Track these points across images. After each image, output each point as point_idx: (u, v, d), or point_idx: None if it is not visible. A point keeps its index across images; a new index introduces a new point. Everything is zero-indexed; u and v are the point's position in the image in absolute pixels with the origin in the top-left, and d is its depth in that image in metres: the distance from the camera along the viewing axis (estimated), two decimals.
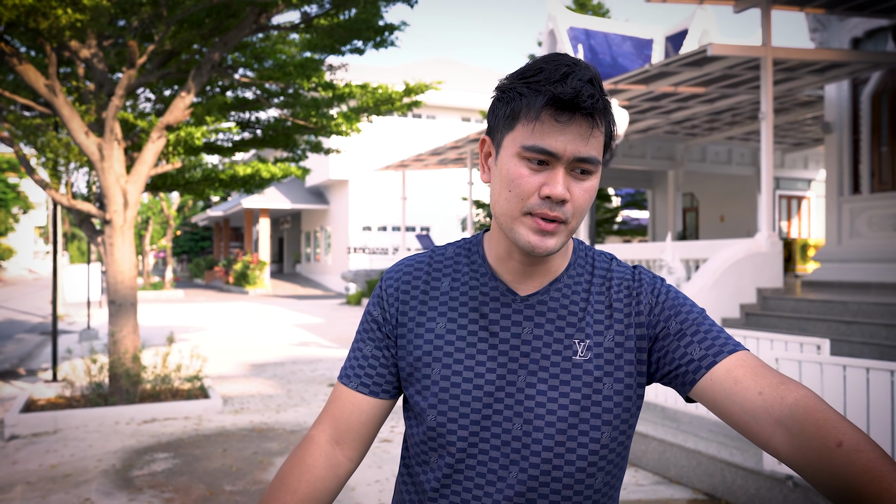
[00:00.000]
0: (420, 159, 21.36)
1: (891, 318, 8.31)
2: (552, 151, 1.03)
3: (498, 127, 1.09)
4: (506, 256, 1.15)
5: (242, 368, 10.64)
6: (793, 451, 0.94)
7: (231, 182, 9.46)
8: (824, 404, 0.96)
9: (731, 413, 1.02)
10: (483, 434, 1.11)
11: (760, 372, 1.03)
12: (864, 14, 11.13)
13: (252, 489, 5.22)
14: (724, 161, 20.63)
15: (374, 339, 1.20)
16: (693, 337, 1.09)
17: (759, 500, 4.62)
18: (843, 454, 0.88)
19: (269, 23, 7.73)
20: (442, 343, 1.14)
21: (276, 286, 33.00)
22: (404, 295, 1.19)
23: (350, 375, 1.20)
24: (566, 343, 1.12)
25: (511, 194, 1.06)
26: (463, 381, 1.12)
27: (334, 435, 1.19)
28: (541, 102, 1.02)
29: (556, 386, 1.11)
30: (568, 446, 1.10)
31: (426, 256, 1.23)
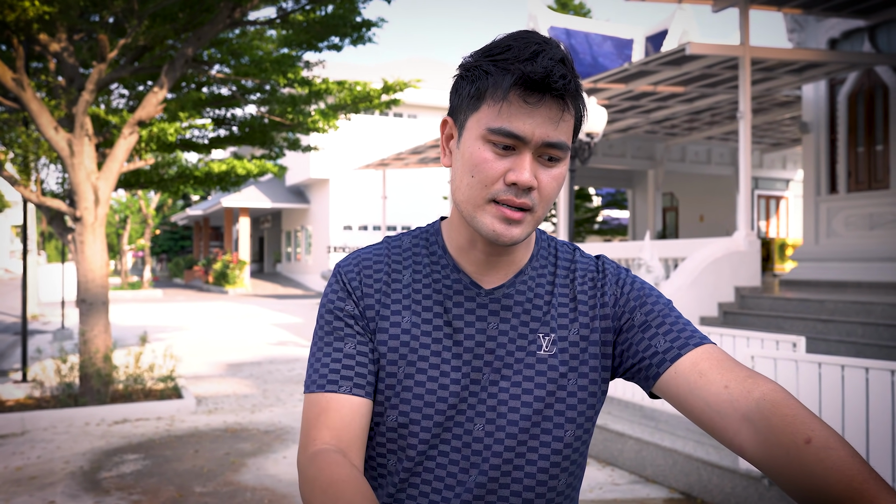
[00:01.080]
0: (401, 158, 21.27)
1: (867, 316, 8.36)
2: (519, 135, 0.96)
3: (461, 107, 1.02)
4: (468, 247, 1.07)
5: (218, 368, 10.50)
6: (759, 448, 0.89)
7: (206, 179, 9.33)
8: (793, 399, 0.90)
9: (694, 408, 0.97)
10: (444, 436, 1.04)
11: (727, 365, 0.97)
12: (841, 15, 11.20)
13: (223, 490, 5.12)
14: (703, 161, 20.73)
15: (353, 335, 1.06)
16: (658, 329, 1.04)
17: (734, 498, 4.60)
18: (811, 452, 0.83)
19: (244, 18, 7.62)
20: (408, 339, 1.06)
21: (257, 286, 32.76)
22: (367, 287, 1.09)
23: (337, 380, 1.03)
24: (531, 338, 1.06)
25: (474, 180, 0.98)
26: (427, 380, 1.04)
27: (338, 446, 0.99)
28: (509, 81, 0.95)
29: (520, 382, 1.04)
30: (530, 445, 1.04)
31: (382, 248, 1.13)
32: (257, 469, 5.64)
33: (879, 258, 11.55)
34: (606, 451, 5.76)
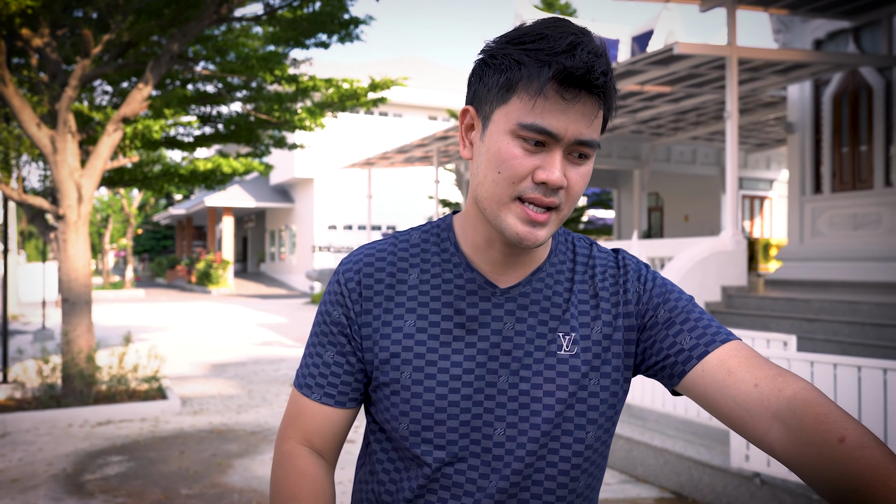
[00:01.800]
0: (386, 157, 21.20)
1: (852, 315, 8.40)
2: (553, 132, 0.91)
3: (487, 98, 0.96)
4: (485, 246, 1.03)
5: (203, 369, 10.39)
6: (790, 447, 0.86)
7: (191, 177, 9.23)
8: (825, 398, 0.87)
9: (722, 406, 0.94)
10: (462, 442, 1.00)
11: (755, 363, 0.94)
12: (826, 16, 11.26)
13: (209, 492, 5.05)
14: (688, 161, 20.81)
15: (335, 343, 1.05)
16: (683, 325, 1.00)
17: (726, 497, 4.59)
18: (845, 451, 0.81)
19: (231, 14, 7.53)
20: (412, 343, 1.02)
21: (240, 285, 32.55)
22: (367, 290, 1.04)
23: (311, 385, 1.06)
24: (550, 337, 1.02)
25: (501, 177, 0.93)
26: (437, 384, 1.00)
27: (309, 448, 1.07)
28: (546, 75, 0.89)
29: (541, 384, 1.00)
30: (551, 447, 1.00)
31: (388, 244, 1.09)
32: (244, 470, 5.56)
33: (863, 258, 11.63)
34: None
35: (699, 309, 1.03)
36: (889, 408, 3.74)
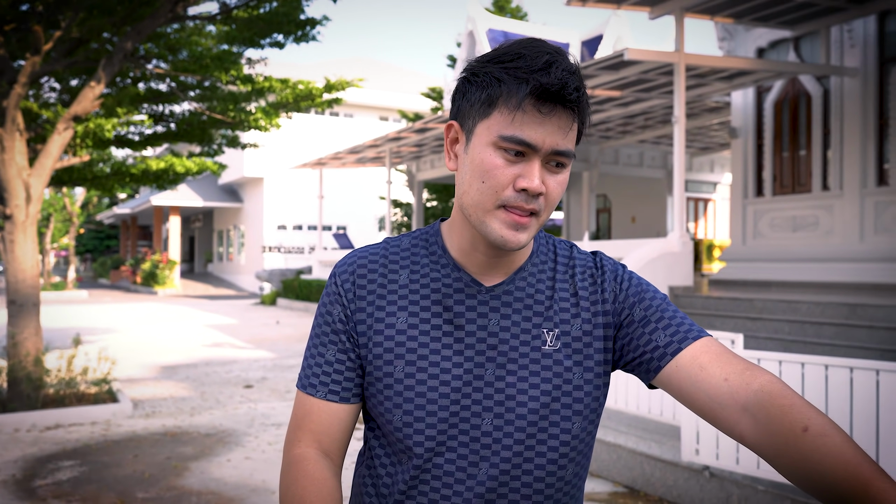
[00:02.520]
0: (338, 157, 21.11)
1: (793, 314, 8.73)
2: (531, 143, 0.98)
3: (470, 113, 1.04)
4: (470, 249, 1.10)
5: (153, 371, 10.24)
6: (759, 437, 0.94)
7: (143, 177, 9.09)
8: (789, 390, 0.96)
9: (696, 400, 1.02)
10: (451, 432, 1.06)
11: (725, 358, 1.02)
12: (768, 25, 11.66)
13: (166, 496, 5.01)
14: (636, 163, 21.25)
15: (335, 341, 1.10)
16: (657, 324, 1.08)
17: (676, 490, 4.76)
18: (809, 439, 0.89)
19: (186, 12, 7.46)
20: (404, 339, 1.08)
21: (187, 286, 31.99)
22: (361, 290, 1.10)
23: (315, 384, 1.10)
24: (534, 333, 1.08)
25: (485, 186, 1.01)
26: (429, 377, 1.06)
27: (320, 449, 1.10)
28: (524, 91, 0.97)
29: (527, 377, 1.07)
30: (539, 438, 1.06)
31: (380, 248, 1.15)
32: (201, 473, 5.53)
33: (802, 258, 12.08)
34: None
35: (673, 307, 1.11)
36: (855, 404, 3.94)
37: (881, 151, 11.46)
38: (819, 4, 10.51)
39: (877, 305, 8.00)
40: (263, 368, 10.48)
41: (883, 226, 11.30)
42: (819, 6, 10.61)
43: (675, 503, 4.76)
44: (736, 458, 4.32)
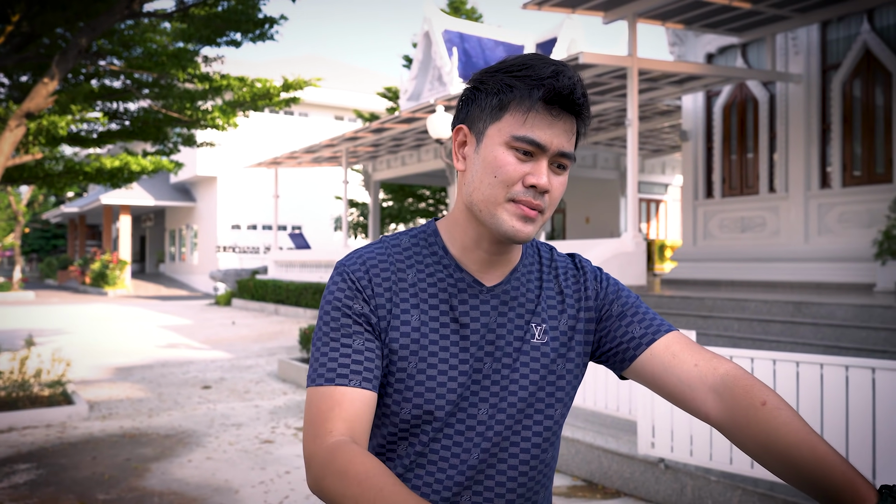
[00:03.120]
0: (294, 157, 20.99)
1: (741, 312, 9.02)
2: (541, 143, 1.06)
3: (481, 117, 1.11)
4: (473, 246, 1.16)
5: (107, 372, 10.08)
6: (723, 413, 1.07)
7: (97, 175, 8.94)
8: (748, 374, 1.10)
9: (667, 383, 1.13)
10: (449, 420, 1.13)
11: (694, 348, 1.15)
12: (717, 32, 12.00)
13: (128, 497, 4.98)
14: (589, 165, 21.59)
15: (360, 332, 1.10)
16: (633, 318, 1.19)
17: (633, 482, 4.91)
18: (766, 412, 1.03)
19: (142, 9, 7.38)
20: (418, 336, 1.13)
21: (138, 287, 31.39)
22: (377, 287, 1.13)
23: (346, 374, 1.07)
24: (525, 328, 1.17)
25: (496, 180, 1.08)
26: (438, 373, 1.12)
27: (352, 440, 1.05)
28: (537, 95, 1.06)
29: (518, 368, 1.15)
30: (524, 424, 1.15)
31: (382, 247, 1.18)
32: (162, 474, 5.50)
33: (750, 258, 12.47)
34: None
35: (645, 305, 1.23)
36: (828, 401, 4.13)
37: (824, 155, 11.89)
38: (764, 13, 10.87)
39: (819, 303, 8.33)
40: (221, 369, 10.41)
41: (826, 227, 11.73)
42: (765, 14, 10.97)
43: (631, 495, 4.92)
44: (690, 451, 4.49)
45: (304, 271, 20.56)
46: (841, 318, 8.04)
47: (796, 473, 1.00)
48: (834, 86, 11.57)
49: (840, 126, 11.55)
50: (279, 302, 19.64)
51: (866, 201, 11.19)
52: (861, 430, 3.77)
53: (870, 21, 11.21)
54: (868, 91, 11.29)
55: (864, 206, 11.22)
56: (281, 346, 12.71)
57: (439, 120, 9.40)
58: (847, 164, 11.55)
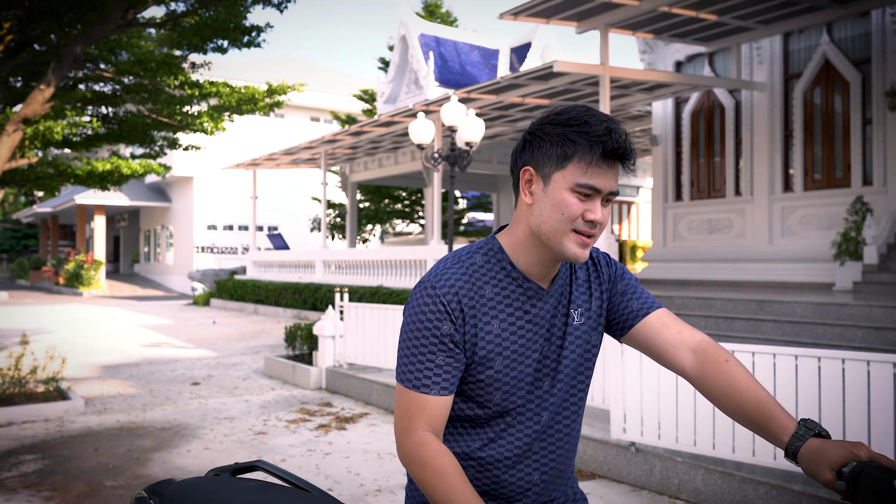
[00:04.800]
0: (273, 158, 21.21)
1: (708, 310, 9.51)
2: (598, 188, 1.37)
3: (546, 163, 1.40)
4: (536, 263, 1.47)
5: (95, 370, 10.30)
6: (695, 368, 1.48)
7: (88, 178, 9.18)
8: (716, 343, 1.51)
9: (656, 345, 1.53)
10: (528, 396, 1.49)
11: (677, 320, 1.56)
12: (685, 41, 12.52)
13: (134, 483, 5.28)
14: None
15: (444, 350, 1.41)
16: (632, 295, 1.58)
17: (606, 465, 5.32)
18: (728, 366, 1.44)
19: (136, 18, 7.66)
20: (500, 340, 1.44)
21: (113, 287, 31.32)
22: (466, 308, 1.42)
23: (429, 384, 1.41)
24: (568, 314, 1.53)
25: (563, 217, 1.38)
26: (519, 365, 1.46)
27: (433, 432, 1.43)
28: (598, 152, 1.36)
29: (566, 346, 1.52)
30: (578, 388, 1.56)
31: (461, 269, 1.46)
32: (163, 462, 5.80)
33: (717, 259, 13.00)
34: None
35: (641, 287, 1.62)
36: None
37: (787, 160, 12.46)
38: (730, 24, 11.39)
39: (781, 301, 8.84)
40: (207, 367, 10.67)
41: (788, 229, 12.29)
42: (730, 25, 11.50)
43: (605, 476, 5.33)
44: (658, 435, 4.91)
45: (283, 271, 20.79)
46: (800, 316, 8.55)
47: (743, 413, 1.39)
48: (796, 94, 12.13)
49: (801, 132, 12.12)
50: (258, 302, 19.86)
51: (826, 204, 11.77)
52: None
53: (829, 33, 11.78)
54: (827, 99, 11.87)
55: (823, 209, 11.79)
56: (264, 345, 12.98)
57: (420, 126, 9.77)
58: (808, 168, 12.12)
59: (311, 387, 8.90)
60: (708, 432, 4.66)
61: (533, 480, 1.52)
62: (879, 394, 3.96)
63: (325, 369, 8.91)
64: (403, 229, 34.57)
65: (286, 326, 10.39)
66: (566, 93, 13.46)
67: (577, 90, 13.19)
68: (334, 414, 7.53)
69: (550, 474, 1.55)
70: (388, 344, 8.15)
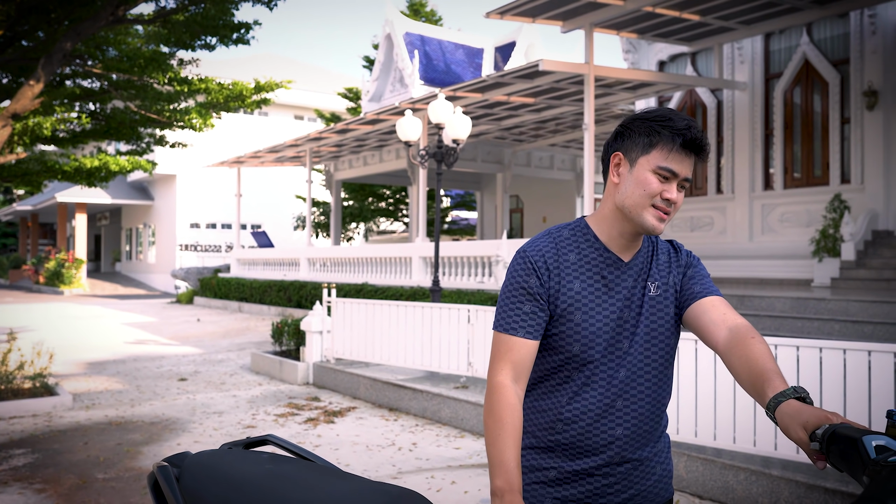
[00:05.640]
0: (257, 156, 21.19)
1: None
2: (676, 172, 1.63)
3: (633, 149, 1.66)
4: (617, 236, 1.72)
5: (81, 367, 10.29)
6: (726, 343, 1.62)
7: (76, 174, 9.17)
8: (753, 328, 1.64)
9: (703, 323, 1.69)
10: (607, 349, 1.70)
11: (727, 306, 1.71)
12: (668, 41, 12.68)
13: (126, 475, 5.33)
14: (546, 166, 22.24)
15: (530, 299, 1.68)
16: (698, 279, 1.77)
17: None
18: (750, 342, 1.57)
19: (126, 15, 7.68)
20: (580, 297, 1.69)
21: (95, 286, 31.11)
22: (552, 267, 1.70)
23: (516, 328, 1.67)
24: (646, 286, 1.75)
25: (645, 193, 1.64)
26: (595, 321, 1.69)
27: (514, 376, 1.66)
28: (679, 141, 1.62)
29: (642, 312, 1.73)
30: (651, 350, 1.73)
31: (550, 239, 1.75)
32: (154, 455, 5.84)
33: (699, 256, 13.16)
34: (480, 425, 6.48)
35: (708, 277, 1.80)
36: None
37: (767, 158, 12.66)
38: (712, 24, 11.56)
39: (761, 297, 9.01)
40: (194, 363, 10.69)
41: (769, 226, 12.49)
42: (712, 26, 11.67)
43: None
44: None
45: (268, 269, 20.78)
46: (780, 310, 8.72)
47: (749, 378, 1.52)
48: (776, 93, 12.34)
49: (782, 131, 12.32)
50: (242, 300, 19.84)
51: (805, 202, 11.98)
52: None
53: (808, 34, 11.99)
54: (807, 98, 12.08)
55: (803, 206, 12.00)
56: (249, 342, 13.01)
57: (408, 123, 9.84)
58: (788, 167, 12.33)
59: (298, 382, 8.96)
60: (690, 421, 4.79)
61: (616, 434, 1.71)
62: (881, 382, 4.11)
63: (313, 364, 8.97)
64: (387, 227, 34.62)
65: (273, 322, 10.44)
66: (551, 91, 13.59)
67: (561, 89, 13.32)
68: (322, 408, 7.60)
69: (634, 430, 1.73)
70: (375, 339, 8.23)
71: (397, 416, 7.30)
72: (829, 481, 4.10)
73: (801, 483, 4.20)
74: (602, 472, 1.72)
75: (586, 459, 1.71)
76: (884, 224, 11.00)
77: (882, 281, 9.87)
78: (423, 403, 7.20)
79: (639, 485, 1.76)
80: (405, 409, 7.44)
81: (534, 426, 1.76)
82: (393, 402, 7.61)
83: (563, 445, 1.72)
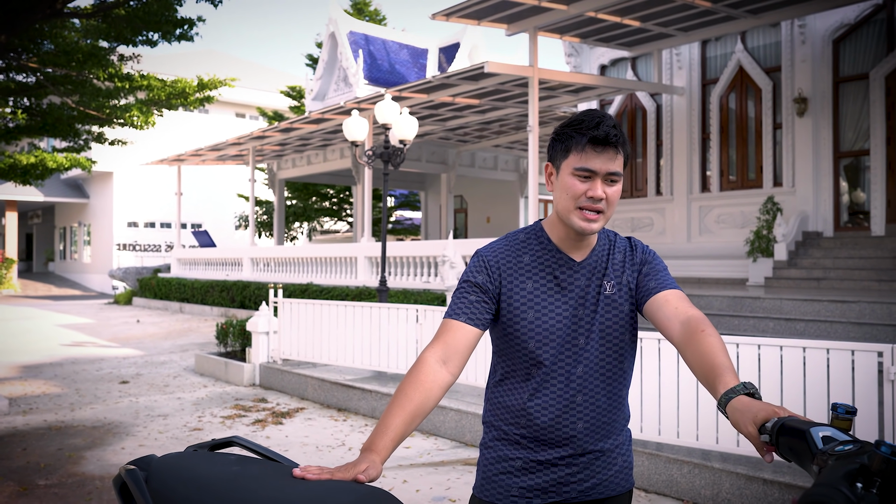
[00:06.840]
0: (198, 154, 20.80)
1: None
2: (593, 169, 1.69)
3: (557, 157, 1.76)
4: (566, 237, 1.80)
5: (15, 371, 9.96)
6: (680, 336, 1.68)
7: (10, 172, 8.87)
8: (706, 319, 1.71)
9: (659, 318, 1.75)
10: (561, 348, 1.78)
11: (681, 300, 1.78)
12: (609, 45, 12.95)
13: (69, 482, 5.21)
14: (490, 167, 22.44)
15: (476, 291, 1.78)
16: (653, 276, 1.83)
17: None
18: (702, 336, 1.64)
19: (64, 9, 7.48)
20: (532, 297, 1.78)
21: (27, 286, 30.06)
22: (503, 267, 1.80)
23: (458, 313, 1.76)
24: (602, 285, 1.81)
25: (568, 196, 1.72)
26: (549, 319, 1.77)
27: (442, 356, 1.72)
28: (584, 140, 1.69)
29: (597, 310, 1.80)
30: (614, 350, 1.81)
31: (506, 242, 1.85)
32: (98, 460, 5.73)
33: None
34: (429, 424, 6.54)
35: (665, 271, 1.86)
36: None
37: (704, 161, 13.06)
38: (651, 30, 11.87)
39: (699, 295, 9.31)
40: (135, 365, 10.46)
41: (706, 227, 12.89)
42: (652, 32, 11.98)
43: None
44: None
45: (210, 269, 20.42)
46: (717, 309, 9.02)
47: (702, 372, 1.58)
48: (712, 98, 12.74)
49: (718, 135, 12.73)
50: (184, 300, 19.46)
51: (740, 204, 12.41)
52: None
53: (743, 41, 12.42)
54: (741, 104, 12.51)
55: (738, 208, 12.43)
56: (193, 343, 12.78)
57: (355, 123, 9.84)
58: (724, 169, 12.74)
59: (244, 383, 8.87)
60: (636, 417, 4.94)
61: (577, 428, 1.80)
62: (815, 376, 4.30)
63: (259, 365, 8.89)
64: (331, 227, 34.37)
65: (218, 323, 10.29)
66: (496, 93, 13.74)
67: (506, 91, 13.48)
68: (270, 409, 7.54)
69: (593, 423, 1.81)
70: (322, 339, 8.21)
71: (346, 416, 7.31)
72: (766, 472, 4.29)
73: (741, 475, 4.38)
74: (565, 462, 1.81)
75: (550, 451, 1.80)
76: (813, 225, 11.48)
77: (812, 280, 10.30)
78: (372, 403, 7.23)
79: (600, 474, 1.84)
80: (354, 409, 7.45)
81: (500, 420, 1.84)
82: (342, 402, 7.61)
83: (528, 438, 1.80)
